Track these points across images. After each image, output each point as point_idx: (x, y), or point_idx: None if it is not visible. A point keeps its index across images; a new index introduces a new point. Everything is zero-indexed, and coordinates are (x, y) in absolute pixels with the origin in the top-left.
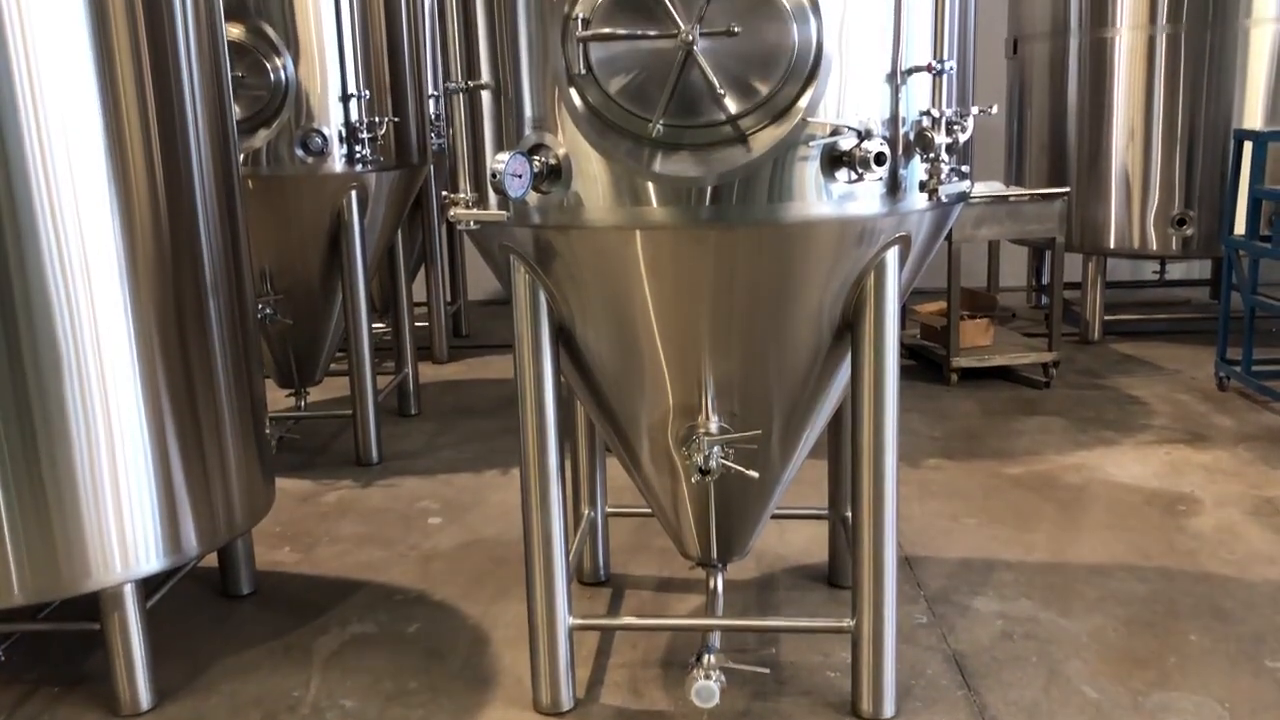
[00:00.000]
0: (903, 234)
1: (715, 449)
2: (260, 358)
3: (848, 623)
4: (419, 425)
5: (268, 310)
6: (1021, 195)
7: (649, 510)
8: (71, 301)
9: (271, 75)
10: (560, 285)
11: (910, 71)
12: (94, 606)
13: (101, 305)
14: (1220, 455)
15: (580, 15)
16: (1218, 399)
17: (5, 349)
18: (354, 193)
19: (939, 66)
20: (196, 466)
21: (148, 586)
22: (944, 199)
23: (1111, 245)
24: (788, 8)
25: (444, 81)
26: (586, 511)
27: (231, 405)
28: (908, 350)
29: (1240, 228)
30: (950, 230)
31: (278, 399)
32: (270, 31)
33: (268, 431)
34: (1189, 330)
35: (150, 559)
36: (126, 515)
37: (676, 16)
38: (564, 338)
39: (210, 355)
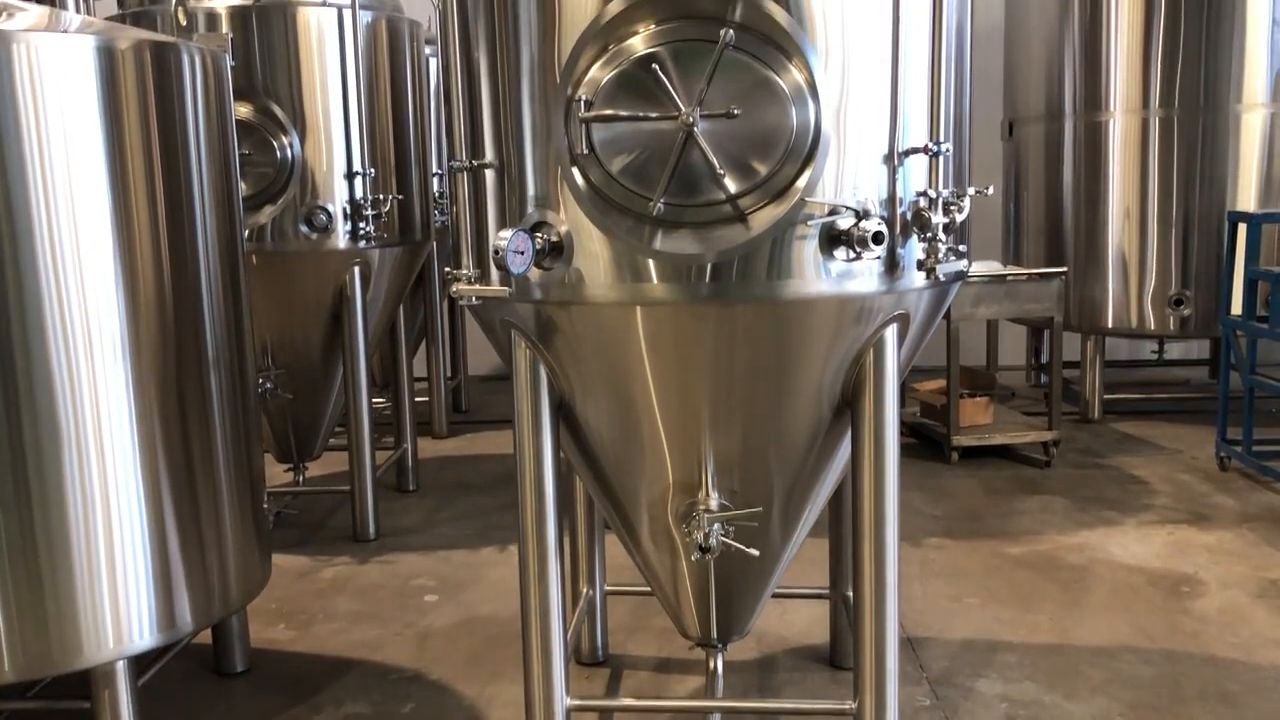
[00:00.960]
0: (901, 312)
1: (715, 526)
2: (260, 432)
3: (850, 705)
4: (417, 501)
5: (268, 385)
6: (1019, 275)
7: (648, 589)
8: (73, 375)
9: (278, 153)
10: (561, 361)
11: (907, 153)
12: (85, 684)
13: (103, 379)
14: (1224, 536)
15: (583, 97)
16: (1219, 479)
17: (5, 421)
18: (357, 269)
19: (935, 148)
20: (193, 542)
21: (140, 663)
22: (942, 278)
23: (1109, 325)
24: (786, 91)
25: (449, 160)
26: (585, 590)
27: (230, 480)
28: (908, 428)
29: (1237, 308)
30: (949, 309)
31: (276, 473)
32: (278, 110)
33: (265, 507)
34: (1189, 410)
35: (143, 635)
36: (121, 591)
37: (677, 99)
38: (564, 413)
39: (210, 430)
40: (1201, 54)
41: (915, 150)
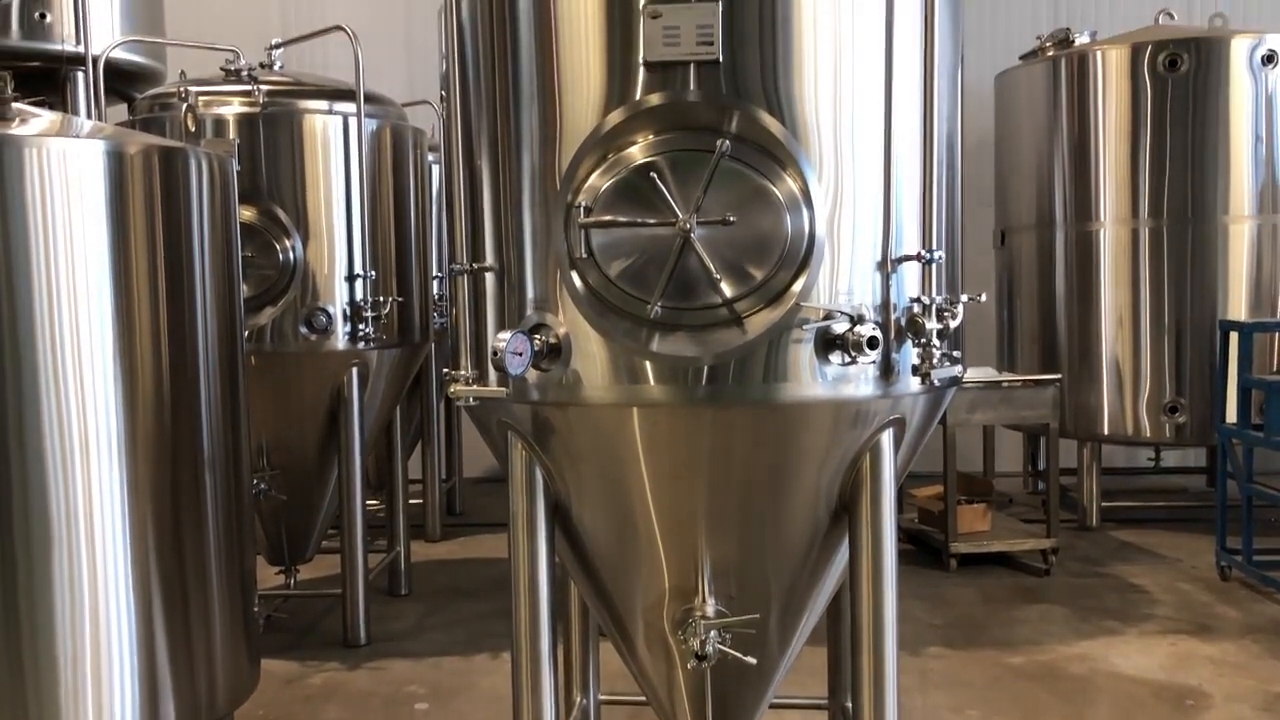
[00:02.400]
0: (897, 416)
1: (712, 633)
2: (253, 534)
3: None
4: (409, 605)
5: (262, 486)
6: (1014, 381)
7: (643, 698)
8: (68, 474)
9: (280, 256)
10: (557, 462)
11: (901, 260)
12: None
13: (97, 478)
14: (1227, 648)
15: (583, 203)
16: (1221, 589)
17: None
18: (355, 370)
19: (928, 256)
20: (181, 646)
21: None
22: (937, 383)
23: (1105, 432)
24: (781, 199)
25: (449, 263)
26: (579, 699)
27: (221, 584)
28: (906, 535)
29: (1232, 416)
30: (945, 414)
31: (267, 576)
32: (281, 214)
33: (255, 610)
34: (1187, 518)
35: None
36: (106, 693)
37: (675, 206)
38: (560, 517)
39: (203, 532)
40: (1188, 167)
41: (908, 257)
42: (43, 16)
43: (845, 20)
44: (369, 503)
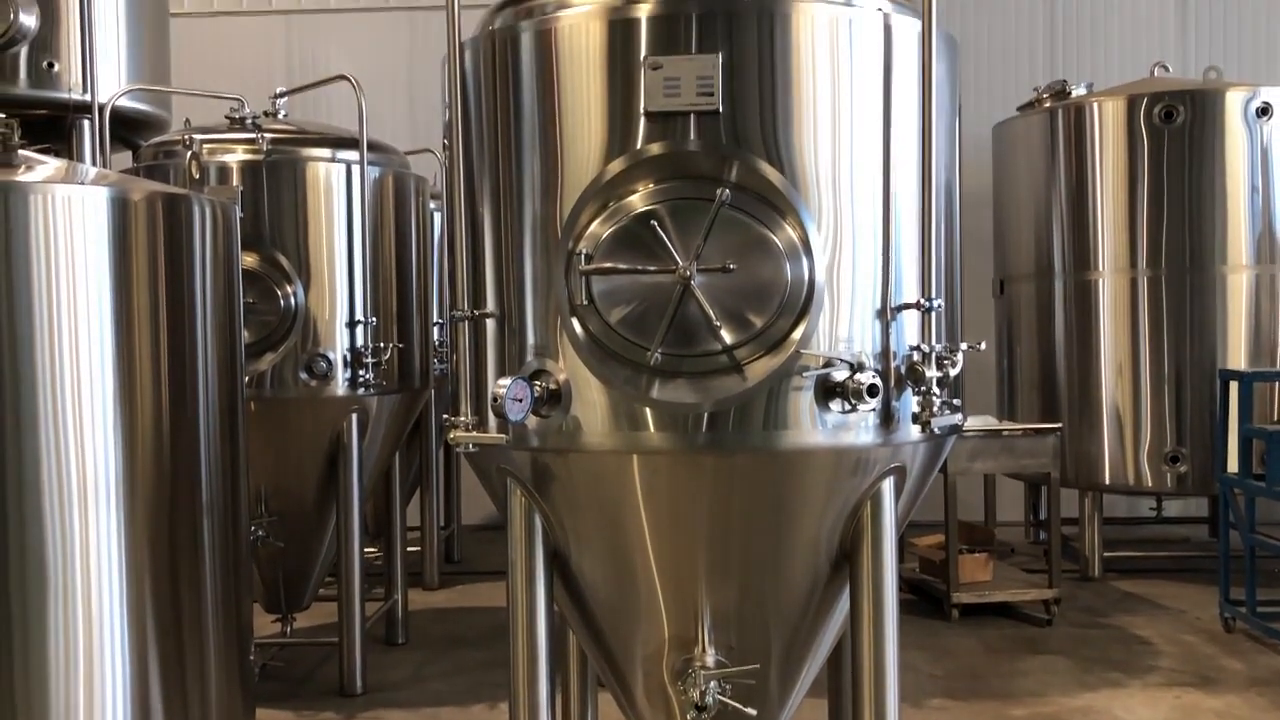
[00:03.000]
0: (897, 465)
1: (712, 684)
2: (250, 582)
3: None
4: (406, 654)
5: (260, 532)
6: (1014, 430)
7: None
8: (65, 522)
9: (282, 302)
10: (556, 509)
11: (900, 308)
12: None
13: (95, 526)
14: (1233, 700)
15: (584, 250)
16: (1225, 640)
17: None
18: (355, 416)
19: (927, 304)
20: (176, 696)
21: None
22: (937, 431)
23: (1106, 481)
24: (780, 247)
25: (450, 309)
26: None
27: (218, 632)
28: (907, 584)
29: (1233, 465)
30: (945, 463)
31: (263, 623)
32: (283, 260)
33: (251, 659)
34: (1190, 569)
35: None
36: None
37: (675, 253)
38: (558, 565)
39: (200, 579)
40: (1185, 217)
41: (908, 306)
42: (51, 66)
43: (843, 72)
44: (367, 550)
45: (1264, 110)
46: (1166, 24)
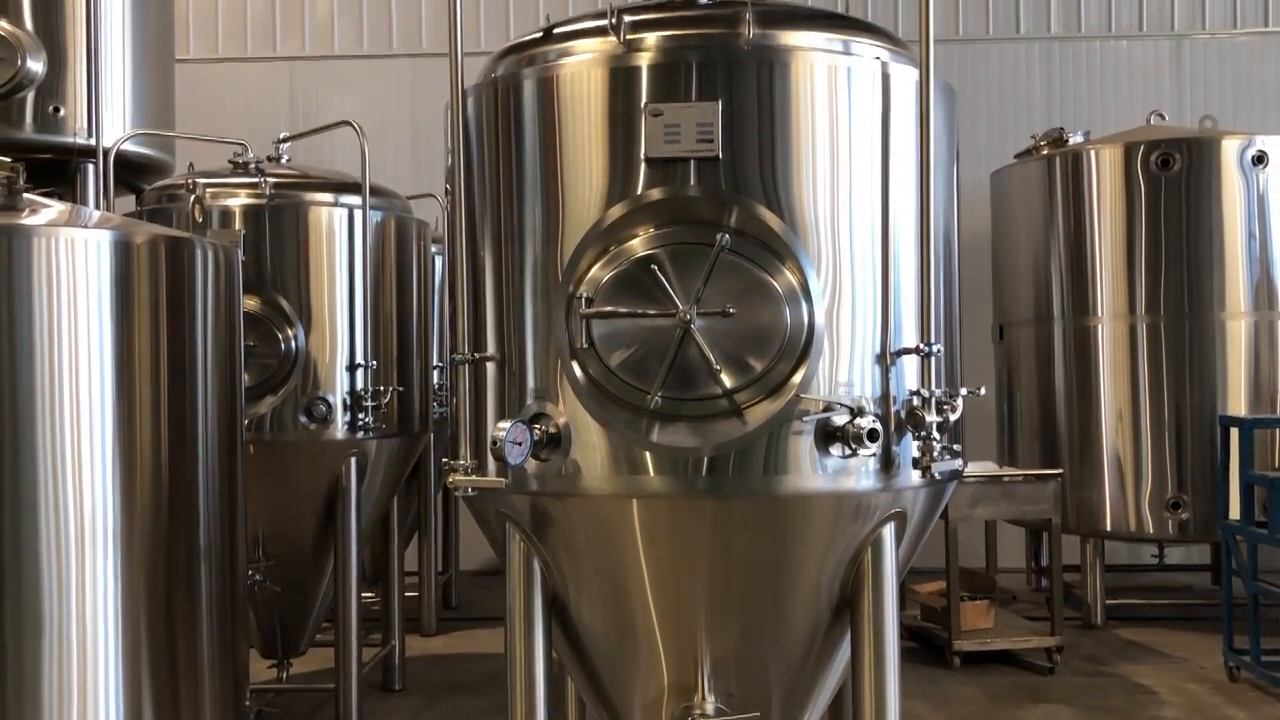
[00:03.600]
0: (898, 510)
1: None
2: (246, 627)
3: None
4: (403, 701)
5: (257, 577)
6: (1015, 475)
7: None
8: (61, 564)
9: (283, 345)
10: (555, 554)
11: (900, 353)
12: None
13: (91, 568)
14: None
15: (584, 294)
16: (1229, 690)
17: None
18: (354, 459)
19: (927, 349)
20: None
21: None
22: (937, 476)
23: (1108, 527)
24: (780, 291)
25: (451, 353)
26: None
27: (213, 678)
28: (908, 632)
29: (1235, 512)
30: (946, 508)
31: (259, 669)
32: (285, 304)
33: (247, 704)
34: (1193, 616)
35: None
36: None
37: (675, 297)
38: (557, 611)
39: (196, 624)
40: (1183, 264)
41: (907, 350)
42: (57, 110)
43: (842, 119)
44: (364, 595)
45: (1259, 158)
46: (1162, 73)
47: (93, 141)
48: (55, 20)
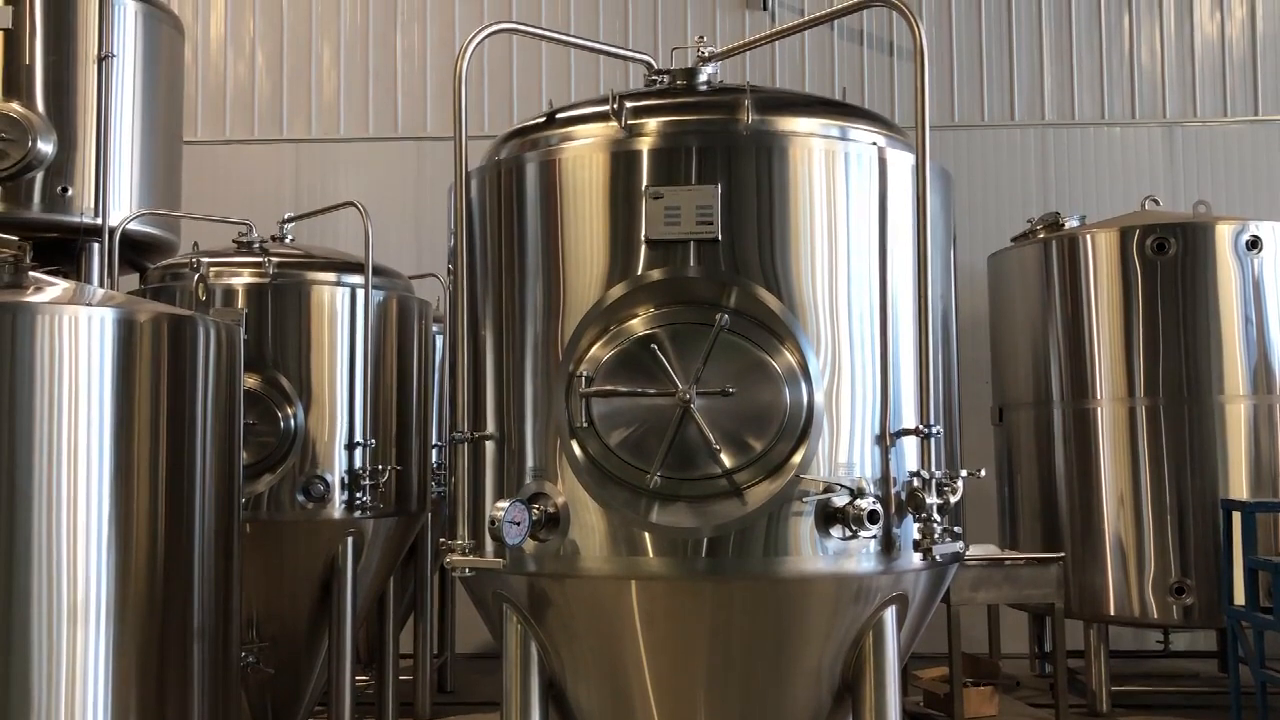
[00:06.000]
0: (899, 592)
1: None
2: (239, 709)
3: None
4: None
5: (250, 658)
6: (1017, 559)
7: None
8: (53, 639)
9: (282, 423)
10: (553, 636)
11: (899, 434)
12: None
13: (83, 645)
14: None
15: (584, 373)
16: None
17: None
18: (350, 539)
19: (927, 430)
20: None
21: None
22: (939, 558)
23: (1112, 612)
24: (779, 372)
25: (450, 431)
26: None
27: None
28: (911, 718)
29: (1240, 598)
30: (948, 592)
31: None
32: (285, 382)
33: None
34: (1201, 705)
35: None
36: None
37: (675, 377)
38: (554, 694)
39: (188, 705)
40: (1181, 347)
41: (907, 431)
42: (64, 190)
43: (839, 202)
44: (358, 678)
45: (1254, 243)
46: (1155, 159)
47: (99, 221)
48: (66, 102)
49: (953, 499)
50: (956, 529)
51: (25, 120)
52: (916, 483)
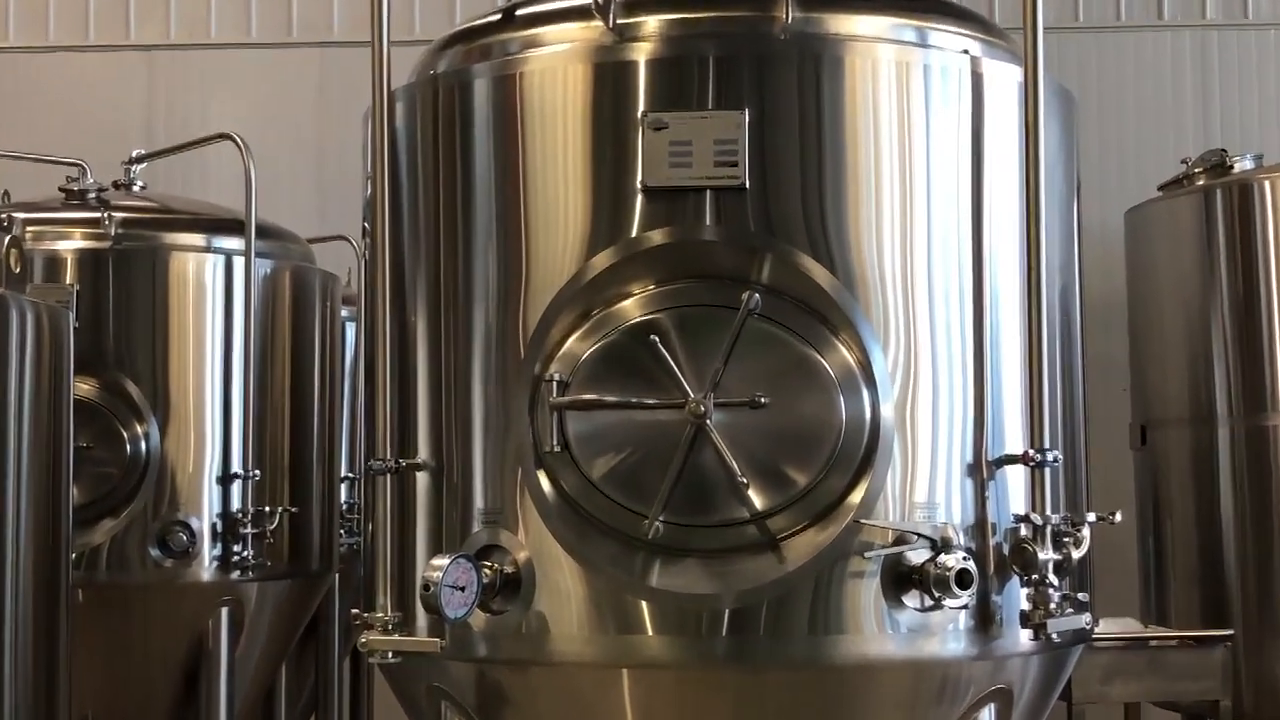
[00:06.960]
0: (1000, 686)
1: None
2: None
3: None
4: None
5: None
6: (1166, 638)
7: None
8: None
9: (128, 447)
10: None
11: (1000, 462)
12: None
13: None
14: None
15: (556, 376)
16: None
17: None
18: (225, 610)
19: (1039, 457)
20: None
21: None
22: (1055, 638)
23: None
24: (831, 374)
25: (366, 459)
26: None
27: None
28: None
29: None
30: (1069, 684)
31: None
32: (132, 389)
33: None
34: None
35: None
36: None
37: (684, 382)
38: None
39: None
40: None
41: (1012, 459)
42: None
43: (917, 135)
44: None
45: None
46: None
47: None
48: None
49: (1076, 554)
50: (1081, 596)
51: None
52: (1025, 531)
